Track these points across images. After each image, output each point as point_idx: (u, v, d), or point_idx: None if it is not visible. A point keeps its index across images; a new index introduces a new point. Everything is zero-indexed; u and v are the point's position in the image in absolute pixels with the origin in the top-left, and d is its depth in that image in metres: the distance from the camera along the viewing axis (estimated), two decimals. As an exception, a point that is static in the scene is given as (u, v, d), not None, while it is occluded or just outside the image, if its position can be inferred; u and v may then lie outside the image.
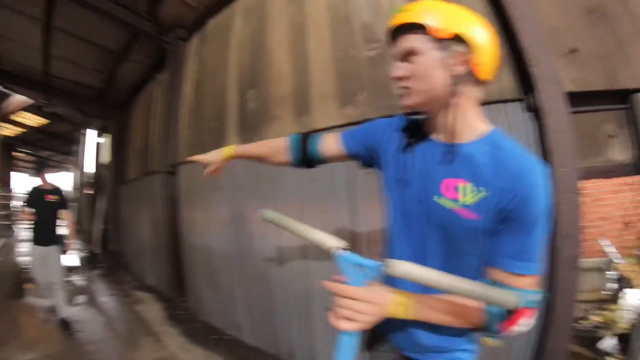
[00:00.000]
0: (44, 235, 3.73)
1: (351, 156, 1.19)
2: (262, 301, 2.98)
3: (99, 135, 10.38)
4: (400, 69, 0.92)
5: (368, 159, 1.16)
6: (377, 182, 1.13)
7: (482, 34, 0.88)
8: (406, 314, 0.85)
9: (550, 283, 1.97)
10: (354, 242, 2.33)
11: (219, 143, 3.43)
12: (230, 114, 3.37)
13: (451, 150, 0.93)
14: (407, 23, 0.89)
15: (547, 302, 2.00)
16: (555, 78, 1.99)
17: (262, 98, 3.02)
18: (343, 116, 2.45)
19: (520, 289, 0.83)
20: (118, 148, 7.60)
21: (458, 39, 0.87)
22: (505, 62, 2.17)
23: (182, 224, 4.13)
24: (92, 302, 4.82)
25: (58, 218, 3.86)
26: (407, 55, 0.90)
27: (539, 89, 1.97)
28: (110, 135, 8.33)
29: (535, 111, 2.02)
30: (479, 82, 0.91)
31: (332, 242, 0.87)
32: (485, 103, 1.98)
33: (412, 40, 0.89)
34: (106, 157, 9.24)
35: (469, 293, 0.72)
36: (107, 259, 8.09)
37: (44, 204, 3.74)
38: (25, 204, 3.78)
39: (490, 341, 0.89)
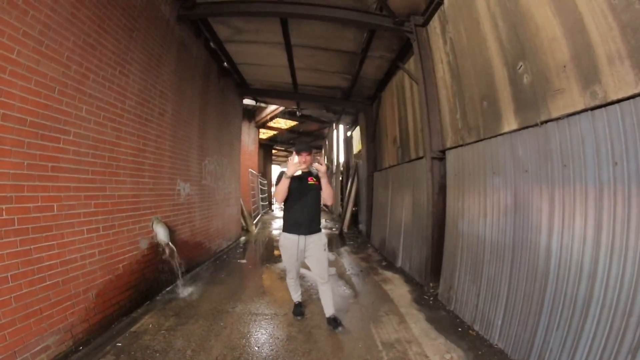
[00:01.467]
0: (305, 223, 3.21)
1: None
2: (529, 302, 2.59)
3: (348, 129, 12.03)
4: None
5: None
6: None
7: None
8: None
9: None
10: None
11: (494, 124, 3.17)
12: (501, 92, 3.04)
13: None
14: None
15: None
16: None
17: (537, 69, 2.57)
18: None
19: None
20: (370, 138, 8.43)
21: None
22: None
23: (448, 209, 4.10)
24: (342, 275, 5.31)
25: (320, 203, 3.40)
26: None
27: None
28: (361, 128, 9.36)
29: None
30: None
31: None
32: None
33: None
34: (356, 148, 10.58)
35: None
36: (356, 237, 9.17)
37: (305, 189, 3.24)
38: (276, 183, 3.31)
39: None
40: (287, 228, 3.27)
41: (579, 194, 2.21)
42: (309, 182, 3.25)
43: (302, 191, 3.22)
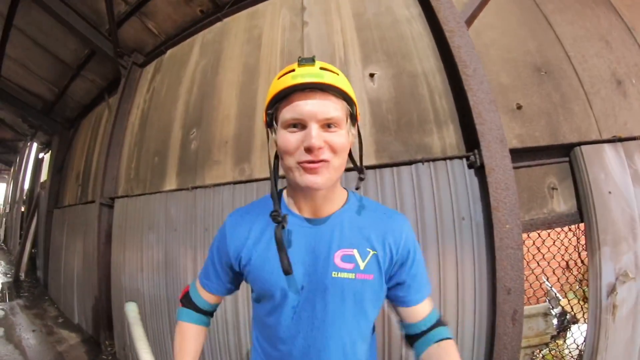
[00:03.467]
0: None
1: (228, 293, 1.11)
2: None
3: (42, 150, 9.71)
4: (321, 137, 0.80)
5: (238, 279, 1.08)
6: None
7: None
8: None
9: (493, 339, 1.91)
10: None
11: (159, 181, 3.23)
12: (172, 152, 3.20)
13: (337, 222, 0.94)
14: (335, 87, 0.81)
15: (491, 358, 1.94)
16: (500, 135, 2.01)
17: (205, 139, 2.88)
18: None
19: (430, 310, 0.99)
20: (58, 168, 7.08)
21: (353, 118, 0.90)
22: (452, 119, 2.18)
23: (113, 261, 3.81)
24: (11, 337, 4.36)
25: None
26: (328, 124, 0.81)
27: (484, 146, 1.97)
28: (52, 153, 7.77)
29: (479, 168, 2.02)
30: None
31: None
32: (428, 160, 2.04)
33: (338, 108, 0.83)
34: (45, 176, 8.58)
35: None
36: (33, 287, 7.48)
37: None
38: None
39: None
40: None
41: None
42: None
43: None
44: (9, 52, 5.37)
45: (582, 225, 2.18)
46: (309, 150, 0.79)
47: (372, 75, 2.35)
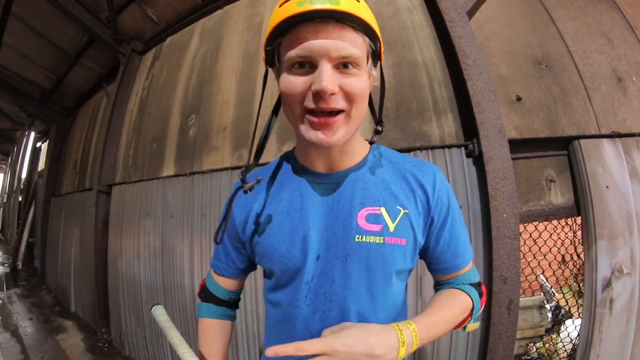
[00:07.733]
0: None
1: (244, 273, 0.97)
2: (188, 339, 2.76)
3: (39, 139, 9.69)
4: (335, 80, 0.62)
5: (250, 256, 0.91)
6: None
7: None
8: (408, 351, 0.65)
9: (489, 328, 1.91)
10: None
11: (156, 167, 3.22)
12: (170, 138, 3.20)
13: (359, 177, 0.79)
14: (355, 16, 0.61)
15: (486, 347, 1.95)
16: (499, 125, 2.01)
17: (204, 125, 2.88)
18: (282, 152, 2.36)
19: (471, 270, 0.86)
20: (55, 157, 7.07)
21: (376, 56, 0.71)
22: (451, 108, 2.18)
23: (110, 248, 3.82)
24: (7, 325, 4.37)
25: None
26: (344, 63, 0.63)
27: (482, 135, 1.96)
28: (50, 142, 7.75)
29: (477, 157, 2.01)
30: None
31: None
32: (427, 148, 2.04)
33: (358, 44, 0.63)
34: (43, 165, 8.56)
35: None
36: (30, 276, 7.51)
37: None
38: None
39: (473, 326, 0.84)
40: None
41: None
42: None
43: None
44: (7, 40, 5.31)
45: (578, 219, 2.18)
46: (318, 95, 0.62)
47: (372, 63, 2.34)
